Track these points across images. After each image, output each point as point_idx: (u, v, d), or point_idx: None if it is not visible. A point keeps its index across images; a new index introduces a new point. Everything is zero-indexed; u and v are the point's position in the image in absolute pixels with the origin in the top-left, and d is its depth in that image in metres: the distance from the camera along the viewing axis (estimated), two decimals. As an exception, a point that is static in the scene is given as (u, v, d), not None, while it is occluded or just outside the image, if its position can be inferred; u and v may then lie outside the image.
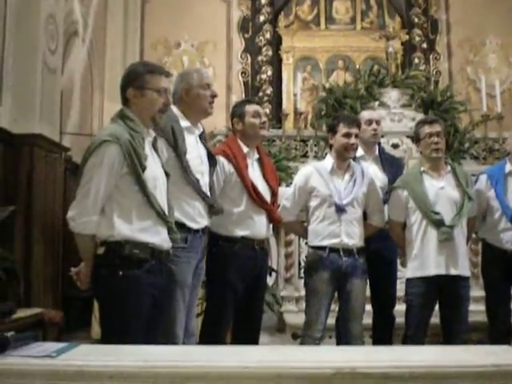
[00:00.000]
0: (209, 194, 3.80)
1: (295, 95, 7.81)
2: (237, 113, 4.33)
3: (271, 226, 4.47)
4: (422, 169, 4.43)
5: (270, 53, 10.14)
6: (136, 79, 3.16)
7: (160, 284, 3.13)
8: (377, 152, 4.87)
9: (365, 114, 4.91)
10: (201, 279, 3.93)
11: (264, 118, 4.30)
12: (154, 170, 3.13)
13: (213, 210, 3.84)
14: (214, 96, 3.92)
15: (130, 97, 3.16)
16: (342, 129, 4.36)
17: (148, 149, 3.14)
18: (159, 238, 3.10)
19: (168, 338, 3.45)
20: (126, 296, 2.95)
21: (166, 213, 3.15)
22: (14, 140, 5.90)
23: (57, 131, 6.69)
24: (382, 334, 4.70)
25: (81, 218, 2.97)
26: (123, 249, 2.97)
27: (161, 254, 3.13)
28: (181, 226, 3.49)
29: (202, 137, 3.95)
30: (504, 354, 2.53)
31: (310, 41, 10.32)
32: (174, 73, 9.31)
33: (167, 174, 3.28)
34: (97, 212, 2.97)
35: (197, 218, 3.69)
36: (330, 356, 2.40)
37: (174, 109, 3.82)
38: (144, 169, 3.01)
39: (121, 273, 2.96)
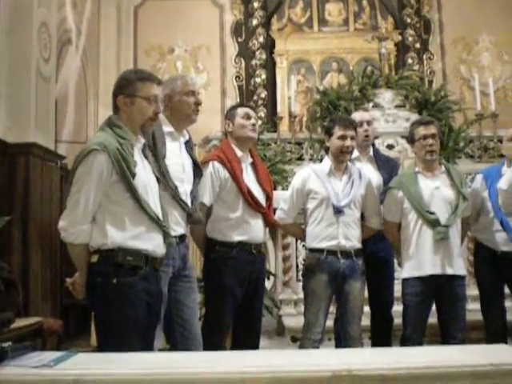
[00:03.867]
0: (189, 202, 3.77)
1: (289, 98, 7.82)
2: (228, 115, 4.35)
3: (268, 229, 4.48)
4: (417, 169, 4.45)
5: (264, 56, 10.15)
6: (126, 87, 3.16)
7: (154, 291, 3.12)
8: (371, 153, 4.89)
9: (356, 116, 4.92)
10: (192, 286, 3.86)
11: (254, 121, 4.30)
12: (145, 176, 3.13)
13: (191, 219, 3.82)
14: (198, 103, 3.90)
15: (120, 104, 3.15)
16: (338, 131, 4.36)
17: (137, 155, 3.14)
18: (153, 244, 3.10)
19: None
20: (121, 304, 2.94)
21: (161, 218, 3.16)
22: (10, 149, 5.91)
23: (52, 139, 6.71)
24: (381, 335, 4.71)
25: (72, 228, 2.97)
26: (117, 256, 2.97)
27: (155, 260, 3.12)
28: None
29: (187, 145, 3.94)
30: (501, 353, 2.54)
31: (304, 43, 10.32)
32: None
33: (158, 180, 3.29)
34: (88, 221, 2.98)
35: (173, 225, 3.63)
36: (327, 359, 2.41)
37: (160, 114, 3.82)
38: (134, 175, 3.01)
39: (115, 281, 2.95)
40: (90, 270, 3.02)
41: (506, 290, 4.78)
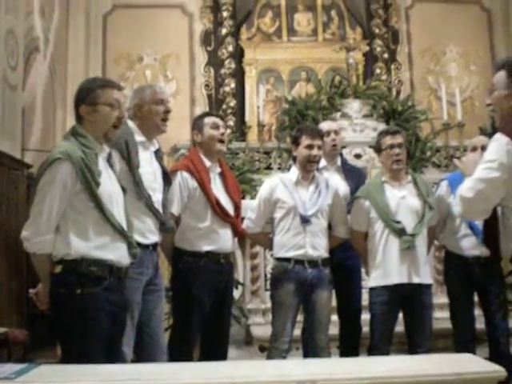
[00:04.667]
0: (161, 211, 3.78)
1: (258, 107, 7.84)
2: (196, 125, 4.34)
3: (236, 239, 4.47)
4: (384, 179, 4.47)
5: (233, 65, 10.15)
6: (87, 95, 3.15)
7: (120, 301, 3.10)
8: (339, 162, 4.91)
9: (323, 126, 4.94)
10: (161, 295, 3.87)
11: (223, 130, 4.31)
12: (109, 186, 3.12)
13: (164, 227, 3.82)
14: (167, 112, 3.90)
15: (83, 114, 3.14)
16: (305, 140, 4.38)
17: (102, 165, 3.13)
18: (117, 254, 3.08)
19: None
20: (84, 315, 2.92)
21: (125, 228, 3.14)
22: (-25, 158, 5.85)
23: (18, 148, 6.64)
24: (349, 344, 4.71)
25: (35, 238, 2.94)
26: (80, 267, 2.95)
27: (119, 270, 3.10)
28: None
29: (157, 154, 3.93)
30: (466, 362, 2.55)
31: (273, 53, 10.35)
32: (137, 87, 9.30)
33: (124, 190, 3.27)
34: (51, 231, 2.95)
35: (147, 233, 3.66)
36: (292, 369, 2.41)
37: (130, 123, 3.81)
38: (98, 185, 3.00)
39: (79, 291, 2.93)
40: (53, 280, 2.99)
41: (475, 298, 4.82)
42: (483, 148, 4.36)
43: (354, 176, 4.87)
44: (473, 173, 3.18)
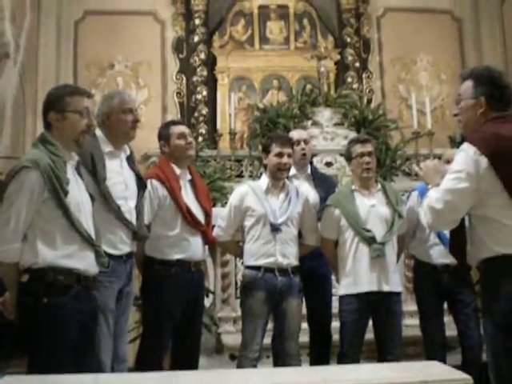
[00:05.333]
0: (134, 219, 3.75)
1: (230, 115, 7.83)
2: (162, 136, 4.33)
3: (207, 247, 4.47)
4: (353, 187, 4.50)
5: (205, 73, 10.12)
6: (56, 102, 3.13)
7: (87, 310, 3.09)
8: (309, 171, 4.93)
9: (293, 134, 4.95)
10: (130, 304, 3.87)
11: (190, 139, 4.30)
12: (78, 194, 3.10)
13: (136, 236, 3.80)
14: (136, 121, 3.88)
15: (52, 121, 3.13)
16: (275, 148, 4.39)
17: (71, 173, 3.11)
18: (85, 263, 3.07)
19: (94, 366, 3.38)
20: (51, 324, 2.90)
21: (93, 237, 3.12)
22: None
23: (-13, 155, 6.56)
24: (320, 352, 4.71)
25: (2, 246, 2.92)
26: (47, 275, 2.94)
27: (87, 279, 3.09)
28: None
29: (130, 159, 3.91)
30: (434, 369, 2.57)
31: (245, 61, 10.34)
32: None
33: (92, 198, 3.25)
34: (18, 239, 2.93)
35: (118, 244, 3.64)
36: (259, 379, 2.40)
37: (98, 132, 3.79)
38: (66, 193, 2.98)
39: (46, 300, 2.91)
40: (20, 289, 2.97)
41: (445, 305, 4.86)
42: None
43: (324, 184, 4.89)
44: (433, 180, 3.21)
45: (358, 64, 10.40)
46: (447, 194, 2.99)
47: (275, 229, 4.30)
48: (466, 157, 2.97)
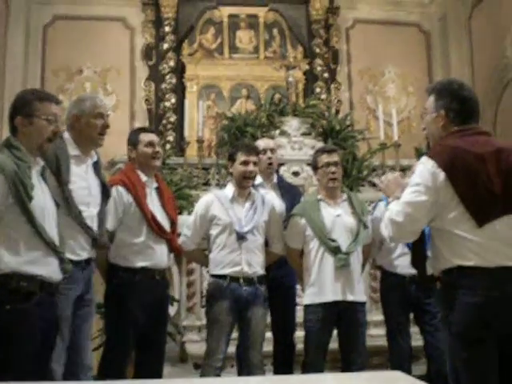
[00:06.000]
0: (95, 226, 3.72)
1: (198, 123, 7.82)
2: (131, 141, 4.31)
3: (172, 255, 4.45)
4: (319, 197, 4.51)
5: (174, 80, 10.09)
6: (24, 107, 3.10)
7: (50, 317, 3.05)
8: (275, 180, 4.94)
9: (259, 143, 4.97)
10: (92, 311, 3.82)
11: (157, 148, 4.28)
12: (42, 200, 3.07)
13: (96, 243, 3.76)
14: (105, 127, 3.85)
15: (18, 125, 3.10)
16: (241, 157, 4.39)
17: (35, 178, 3.08)
18: (49, 269, 3.04)
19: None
20: (14, 331, 2.87)
21: (57, 243, 3.09)
22: None
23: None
24: (283, 362, 4.72)
25: None
26: (10, 282, 2.90)
27: (50, 286, 3.06)
28: None
29: (96, 166, 3.88)
30: (396, 380, 2.58)
31: (214, 69, 10.33)
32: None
33: (57, 204, 3.22)
34: None
35: (77, 250, 3.60)
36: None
37: (66, 135, 3.75)
38: (31, 199, 2.95)
39: (8, 307, 2.88)
40: None
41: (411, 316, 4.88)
42: None
43: (290, 194, 4.91)
44: (394, 193, 3.25)
45: (326, 74, 10.44)
46: (407, 207, 3.04)
47: (241, 237, 4.30)
48: (425, 170, 3.02)
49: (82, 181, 3.72)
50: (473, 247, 2.94)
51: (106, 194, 3.87)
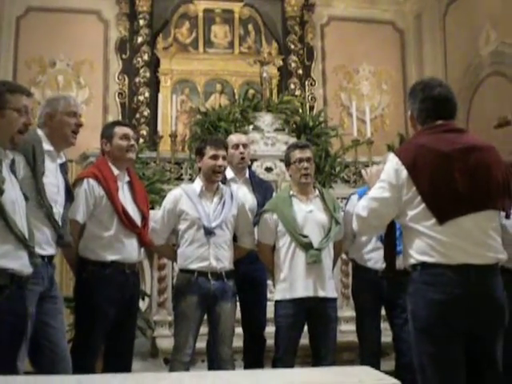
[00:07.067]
0: (60, 224, 3.69)
1: (172, 118, 7.79)
2: (106, 134, 4.28)
3: (144, 249, 4.42)
4: (291, 192, 4.51)
5: (148, 74, 10.05)
6: None
7: (20, 311, 3.03)
8: (247, 175, 4.93)
9: (232, 138, 4.96)
10: (58, 308, 3.76)
11: (132, 142, 4.27)
12: (13, 194, 3.04)
13: (60, 241, 3.71)
14: (78, 125, 3.83)
15: None
16: (209, 151, 4.39)
17: (6, 171, 3.04)
18: (19, 263, 3.01)
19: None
20: None
21: (27, 237, 3.06)
22: None
23: None
24: (254, 357, 4.71)
25: None
26: None
27: (21, 279, 3.03)
28: None
29: (63, 167, 3.83)
30: (364, 375, 2.59)
31: (189, 64, 10.31)
32: (48, 92, 9.03)
33: (26, 198, 3.19)
34: None
35: (43, 244, 3.55)
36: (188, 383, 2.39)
37: (39, 131, 3.72)
38: (1, 192, 2.91)
39: None
40: None
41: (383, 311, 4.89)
42: None
43: (262, 189, 4.90)
44: (374, 184, 3.29)
45: (301, 71, 10.48)
46: (372, 202, 3.11)
47: (209, 232, 4.29)
48: (390, 167, 3.10)
49: (53, 177, 3.68)
50: (435, 244, 2.98)
51: (69, 198, 3.83)
